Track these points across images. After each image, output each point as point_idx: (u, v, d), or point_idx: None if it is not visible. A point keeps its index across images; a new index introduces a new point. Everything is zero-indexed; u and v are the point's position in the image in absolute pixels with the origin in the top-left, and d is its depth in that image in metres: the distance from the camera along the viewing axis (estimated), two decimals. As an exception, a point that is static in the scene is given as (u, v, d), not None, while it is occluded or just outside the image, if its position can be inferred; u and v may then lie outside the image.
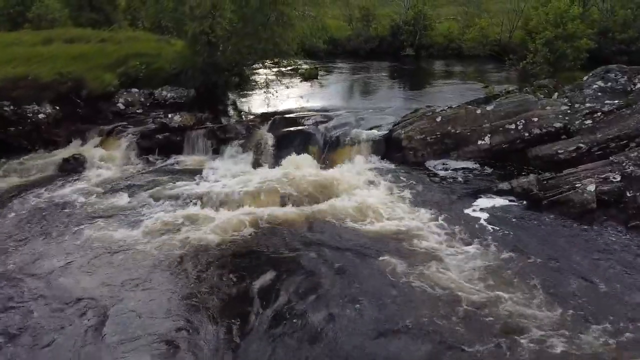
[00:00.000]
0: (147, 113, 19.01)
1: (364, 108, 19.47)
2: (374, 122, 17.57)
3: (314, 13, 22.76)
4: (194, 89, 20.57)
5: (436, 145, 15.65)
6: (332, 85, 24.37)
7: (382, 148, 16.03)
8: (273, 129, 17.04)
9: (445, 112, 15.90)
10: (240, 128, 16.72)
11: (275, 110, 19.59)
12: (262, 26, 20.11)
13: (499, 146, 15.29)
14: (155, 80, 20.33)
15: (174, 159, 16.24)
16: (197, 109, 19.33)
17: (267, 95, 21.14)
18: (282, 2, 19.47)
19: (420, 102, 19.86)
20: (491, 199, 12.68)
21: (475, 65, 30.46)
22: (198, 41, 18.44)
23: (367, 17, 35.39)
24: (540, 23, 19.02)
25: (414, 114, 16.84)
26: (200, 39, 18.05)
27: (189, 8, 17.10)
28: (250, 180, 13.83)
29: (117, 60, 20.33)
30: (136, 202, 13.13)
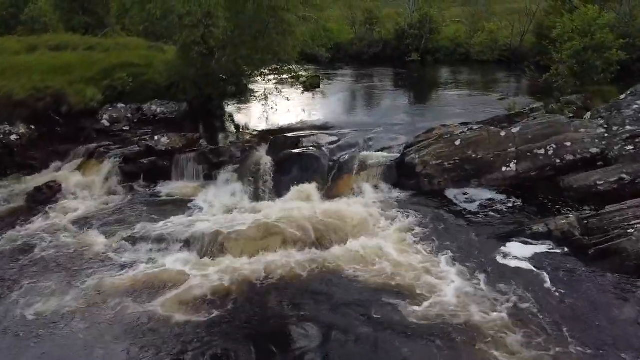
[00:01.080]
0: (134, 130, 16.99)
1: (370, 124, 17.38)
2: (383, 142, 15.53)
3: (316, 17, 20.67)
4: (186, 102, 18.53)
5: (455, 171, 13.57)
6: (336, 95, 22.26)
7: (393, 174, 13.96)
8: (272, 152, 14.97)
9: (465, 134, 13.80)
10: (235, 150, 14.64)
11: (274, 126, 17.55)
12: (259, 34, 18.05)
13: (527, 174, 13.22)
14: (144, 94, 18.29)
15: (161, 186, 14.18)
16: (189, 125, 17.38)
17: (265, 109, 19.08)
18: (282, 8, 17.36)
19: (432, 118, 17.79)
20: (525, 244, 10.59)
21: (486, 72, 28.34)
22: (189, 52, 16.32)
23: (370, 20, 33.18)
24: (566, 32, 16.85)
25: (428, 135, 14.74)
26: (192, 50, 15.93)
27: (178, 16, 14.97)
28: (245, 217, 11.75)
29: (102, 71, 18.25)
30: (112, 245, 11.07)
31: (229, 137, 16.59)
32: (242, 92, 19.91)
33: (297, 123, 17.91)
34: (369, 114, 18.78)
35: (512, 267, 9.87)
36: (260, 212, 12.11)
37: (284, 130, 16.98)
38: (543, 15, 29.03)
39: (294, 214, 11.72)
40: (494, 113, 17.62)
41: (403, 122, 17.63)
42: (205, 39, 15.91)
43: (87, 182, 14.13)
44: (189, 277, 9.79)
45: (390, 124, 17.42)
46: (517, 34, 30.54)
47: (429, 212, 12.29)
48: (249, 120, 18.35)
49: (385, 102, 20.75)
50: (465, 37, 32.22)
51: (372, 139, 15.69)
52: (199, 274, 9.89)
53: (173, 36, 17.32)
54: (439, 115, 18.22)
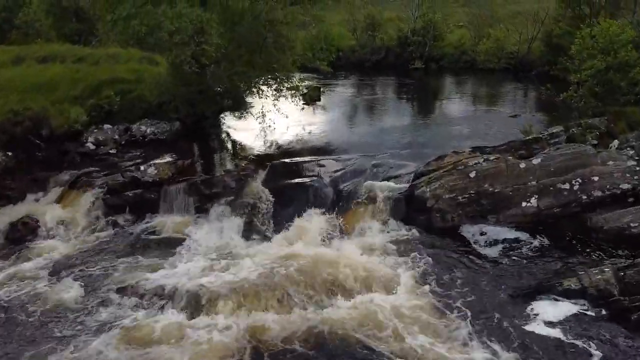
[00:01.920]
0: (121, 153, 15.56)
1: (375, 146, 15.98)
2: (389, 169, 14.11)
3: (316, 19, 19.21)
4: (178, 121, 17.05)
5: (469, 206, 12.18)
6: (337, 111, 20.83)
7: (402, 209, 12.58)
8: (269, 181, 13.56)
9: (481, 165, 12.37)
10: (229, 180, 13.22)
11: (272, 148, 16.13)
12: (256, 49, 16.63)
13: (549, 210, 11.83)
14: (133, 112, 16.80)
15: (148, 221, 12.77)
16: (181, 146, 15.96)
17: (263, 128, 17.61)
18: (280, 22, 15.91)
19: (440, 139, 16.43)
20: (555, 303, 9.22)
21: (492, 82, 26.88)
22: (180, 70, 14.87)
23: (372, 26, 31.66)
24: (585, 48, 15.38)
25: (439, 163, 13.33)
26: (183, 69, 14.49)
27: (167, 33, 13.51)
28: (238, 264, 10.37)
29: (88, 89, 16.77)
30: (89, 298, 9.71)
31: (223, 162, 15.17)
32: (239, 107, 18.38)
33: (296, 145, 16.50)
34: (373, 134, 17.32)
35: (542, 334, 8.49)
36: (254, 257, 10.70)
37: (283, 153, 15.57)
38: (552, 23, 27.57)
39: (291, 260, 10.30)
40: (507, 134, 16.21)
41: (410, 144, 16.21)
42: (197, 57, 14.45)
43: (67, 217, 12.73)
44: (173, 341, 8.39)
45: (397, 146, 16.01)
46: (524, 41, 29.01)
47: (443, 256, 10.91)
48: (245, 141, 16.88)
49: (390, 119, 19.28)
50: (470, 43, 30.69)
51: (377, 165, 14.26)
52: (184, 337, 8.49)
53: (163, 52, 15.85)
54: (448, 136, 16.82)
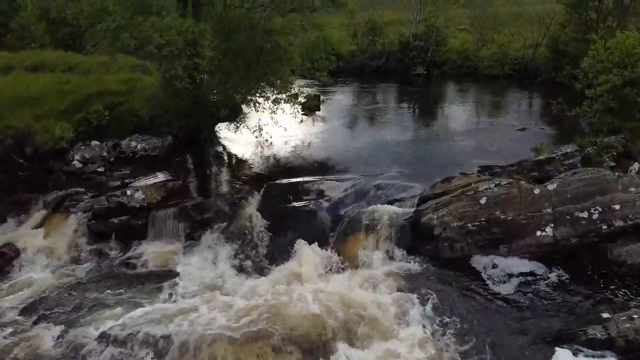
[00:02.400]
0: (110, 171, 14.67)
1: (377, 163, 15.07)
2: (393, 191, 13.15)
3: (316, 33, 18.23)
4: (170, 135, 16.10)
5: (480, 234, 11.21)
6: (337, 122, 19.87)
7: (407, 237, 11.61)
8: (265, 205, 12.61)
9: (492, 190, 11.40)
10: (222, 205, 12.25)
11: (268, 166, 15.22)
12: (253, 60, 15.66)
13: (567, 241, 10.87)
14: (123, 127, 15.91)
15: (135, 249, 11.84)
16: (173, 164, 15.06)
17: (260, 141, 16.72)
18: (278, 32, 14.92)
19: (446, 156, 15.53)
20: (578, 353, 8.24)
21: (497, 90, 25.90)
22: (171, 85, 13.89)
23: (373, 31, 30.64)
24: (600, 62, 14.40)
25: (446, 186, 12.38)
26: (173, 84, 13.51)
27: (156, 47, 12.53)
28: (231, 306, 9.37)
29: (75, 102, 15.86)
30: (64, 349, 8.69)
31: (217, 182, 14.26)
32: (235, 117, 17.44)
33: (294, 161, 15.57)
34: (375, 149, 16.32)
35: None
36: (247, 296, 9.73)
37: (280, 171, 14.64)
38: (558, 28, 26.57)
39: (288, 302, 9.33)
40: (516, 151, 15.25)
41: (414, 161, 15.27)
42: (189, 71, 13.47)
43: (49, 246, 11.78)
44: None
45: (400, 162, 15.05)
46: (529, 46, 28.00)
47: (452, 294, 9.95)
48: (241, 156, 15.93)
49: (392, 131, 18.27)
50: (473, 48, 29.68)
51: (380, 186, 13.28)
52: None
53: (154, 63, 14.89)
54: (452, 151, 15.85)
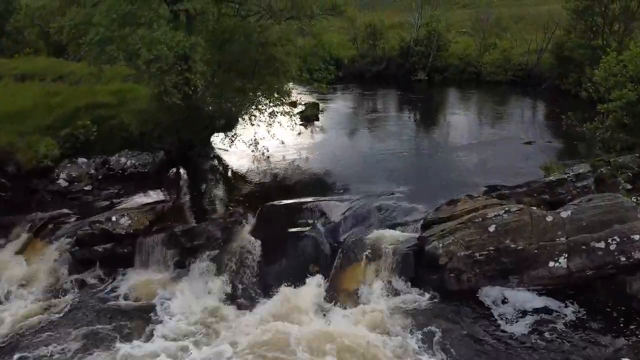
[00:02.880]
0: (97, 190, 13.90)
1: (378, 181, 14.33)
2: (394, 213, 12.37)
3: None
4: (162, 151, 15.27)
5: (488, 264, 10.40)
6: (336, 133, 19.04)
7: (410, 266, 10.81)
8: (260, 230, 11.80)
9: (501, 217, 10.58)
10: (213, 230, 11.41)
11: (264, 184, 14.42)
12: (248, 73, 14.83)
13: (582, 273, 10.07)
14: (113, 142, 15.09)
15: (121, 279, 11.04)
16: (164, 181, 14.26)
17: (255, 156, 15.91)
18: (274, 43, 14.06)
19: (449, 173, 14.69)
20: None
21: (500, 97, 25.05)
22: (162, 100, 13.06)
23: (373, 35, 29.76)
24: (612, 75, 13.54)
25: (451, 209, 11.59)
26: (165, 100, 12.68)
27: (145, 62, 11.68)
28: (221, 350, 8.54)
29: (62, 116, 15.03)
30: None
31: (210, 202, 13.42)
32: (232, 127, 16.61)
33: (292, 178, 14.78)
34: (375, 165, 15.50)
35: None
36: (239, 335, 8.94)
37: (276, 190, 13.83)
38: (563, 34, 25.70)
39: (281, 343, 8.51)
40: (523, 169, 14.47)
41: (416, 178, 14.46)
42: (180, 86, 12.64)
43: (30, 274, 10.95)
44: None
45: (401, 180, 14.24)
46: (533, 51, 27.10)
47: (460, 332, 9.17)
48: (236, 174, 15.13)
49: (393, 144, 17.40)
50: (475, 54, 28.80)
51: (381, 208, 12.49)
52: None
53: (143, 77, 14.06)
54: (456, 168, 15.03)
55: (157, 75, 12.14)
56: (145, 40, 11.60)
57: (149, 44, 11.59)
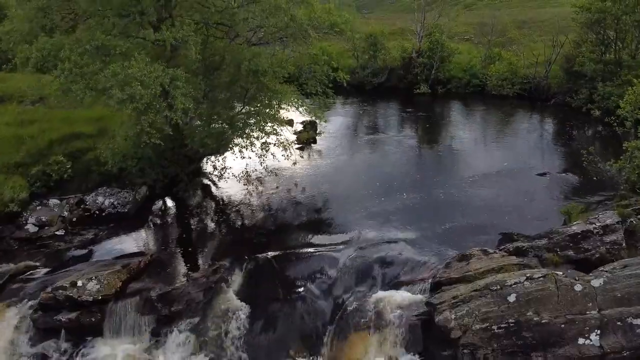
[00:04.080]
0: (71, 235, 12.42)
1: (378, 220, 12.85)
2: (399, 268, 10.95)
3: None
4: (145, 186, 13.73)
5: (507, 339, 8.92)
6: (333, 158, 17.56)
7: (418, 338, 9.40)
8: (247, 289, 10.34)
9: (523, 285, 9.08)
10: (194, 292, 9.95)
11: (255, 223, 12.92)
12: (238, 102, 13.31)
13: (617, 354, 8.59)
14: (90, 179, 13.57)
15: (88, 351, 9.49)
16: (145, 224, 12.79)
17: (247, 190, 14.42)
18: (264, 73, 12.51)
19: (457, 215, 13.10)
20: None
21: (508, 114, 23.45)
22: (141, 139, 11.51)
23: (374, 46, 28.11)
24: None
25: (462, 267, 10.16)
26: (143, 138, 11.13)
27: (117, 102, 10.13)
28: None
29: (34, 150, 13.47)
30: None
31: (193, 252, 11.85)
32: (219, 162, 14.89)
33: (285, 217, 13.35)
34: (376, 200, 13.96)
35: None
36: None
37: (267, 235, 12.34)
38: (572, 47, 24.09)
39: None
40: (540, 209, 13.01)
41: (421, 219, 12.94)
42: (157, 126, 11.09)
43: (-15, 345, 9.40)
44: None
45: (405, 221, 12.82)
46: (541, 63, 25.46)
47: None
48: (224, 212, 13.60)
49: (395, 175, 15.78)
50: (480, 66, 27.18)
51: (384, 261, 11.03)
52: None
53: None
54: (465, 207, 13.43)
55: (134, 116, 10.58)
56: (119, 78, 10.03)
57: (122, 82, 10.03)
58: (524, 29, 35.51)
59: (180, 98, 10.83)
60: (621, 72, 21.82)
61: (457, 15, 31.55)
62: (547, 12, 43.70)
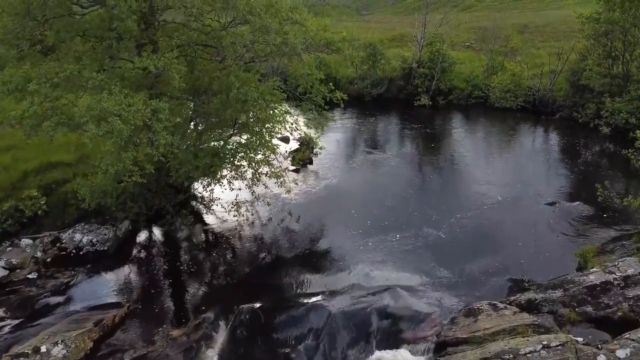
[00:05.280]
0: (44, 279, 11.40)
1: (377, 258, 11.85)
2: (400, 321, 9.82)
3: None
4: (128, 221, 12.63)
5: (521, 417, 7.79)
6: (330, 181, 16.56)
7: (422, 413, 8.19)
8: (231, 349, 9.19)
9: (539, 355, 8.00)
10: (173, 354, 8.92)
11: (244, 261, 11.93)
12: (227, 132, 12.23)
13: None
14: (67, 213, 12.45)
15: None
16: (125, 264, 11.73)
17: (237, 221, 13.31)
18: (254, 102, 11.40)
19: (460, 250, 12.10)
20: None
21: (511, 130, 22.35)
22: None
23: (373, 57, 26.92)
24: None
25: (470, 325, 9.08)
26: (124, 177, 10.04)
27: (91, 137, 9.04)
28: None
29: (6, 184, 12.35)
30: None
31: (175, 300, 10.76)
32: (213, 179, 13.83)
33: (276, 257, 12.19)
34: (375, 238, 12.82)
35: None
36: None
37: (256, 282, 11.23)
38: (579, 59, 22.93)
39: None
40: (551, 248, 11.92)
41: (423, 261, 11.85)
42: (141, 163, 9.99)
43: None
44: None
45: (405, 263, 11.75)
46: (546, 74, 24.29)
47: None
48: (211, 252, 12.49)
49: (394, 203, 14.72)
50: (482, 76, 26.03)
51: (384, 312, 9.93)
52: None
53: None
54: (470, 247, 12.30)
55: (112, 154, 9.48)
56: (94, 113, 8.91)
57: (97, 117, 8.92)
58: (525, 34, 34.36)
59: (162, 133, 9.73)
60: (630, 87, 20.71)
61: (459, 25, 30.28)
62: (548, 16, 42.57)
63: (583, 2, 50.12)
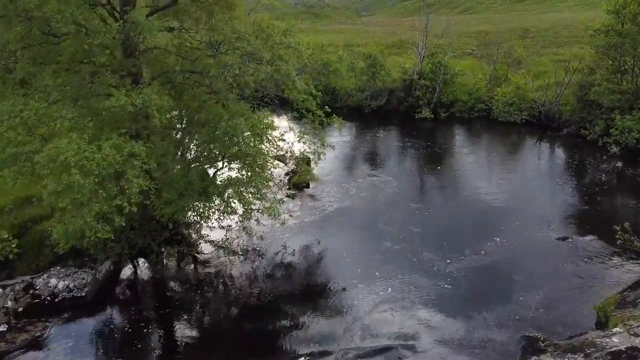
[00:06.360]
0: (14, 332, 10.29)
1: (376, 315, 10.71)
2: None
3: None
4: (109, 261, 11.54)
5: None
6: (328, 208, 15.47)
7: None
8: None
9: None
10: None
11: (232, 313, 10.92)
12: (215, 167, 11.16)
13: None
14: (43, 255, 11.36)
15: None
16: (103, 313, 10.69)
17: (228, 258, 12.26)
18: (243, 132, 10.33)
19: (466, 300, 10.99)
20: None
21: (515, 146, 21.33)
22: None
23: (373, 67, 25.76)
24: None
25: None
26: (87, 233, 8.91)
27: (51, 194, 7.93)
28: None
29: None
30: None
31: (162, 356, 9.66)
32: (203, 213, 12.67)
33: (268, 301, 11.11)
34: (375, 281, 11.75)
35: None
36: None
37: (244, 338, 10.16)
38: (587, 73, 21.77)
39: None
40: (566, 299, 10.77)
41: (425, 310, 10.78)
42: (109, 215, 8.87)
43: None
44: None
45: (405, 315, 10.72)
46: (552, 85, 23.12)
47: None
48: (197, 300, 11.34)
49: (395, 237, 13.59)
50: (485, 89, 24.89)
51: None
52: None
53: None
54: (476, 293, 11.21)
55: (75, 209, 8.36)
56: (53, 165, 7.80)
57: (57, 169, 7.82)
58: (527, 39, 33.22)
59: (136, 180, 8.62)
60: (641, 104, 19.65)
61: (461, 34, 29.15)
62: (548, 19, 41.36)
63: (583, 5, 49.14)
